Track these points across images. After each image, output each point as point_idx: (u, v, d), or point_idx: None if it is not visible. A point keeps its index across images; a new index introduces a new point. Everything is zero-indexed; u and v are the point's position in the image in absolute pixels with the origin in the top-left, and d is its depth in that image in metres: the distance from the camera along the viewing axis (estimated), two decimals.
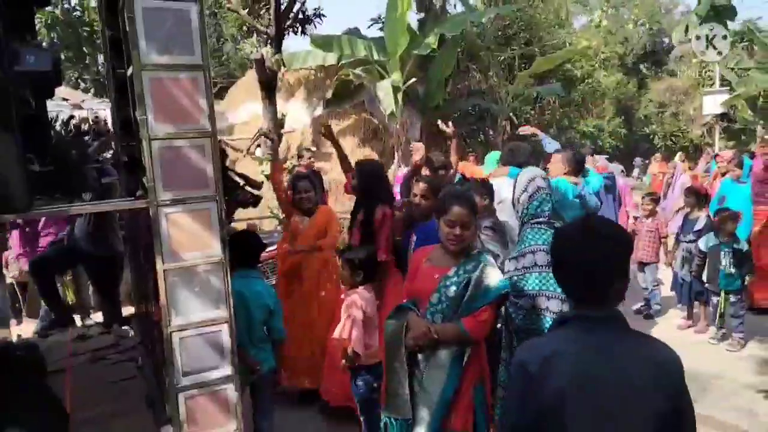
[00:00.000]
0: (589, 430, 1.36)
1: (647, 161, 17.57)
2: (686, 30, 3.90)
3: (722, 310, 5.05)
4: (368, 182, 3.86)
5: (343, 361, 2.97)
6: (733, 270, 4.88)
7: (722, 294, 4.99)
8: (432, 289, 2.45)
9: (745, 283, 5.00)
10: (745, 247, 5.02)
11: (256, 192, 4.88)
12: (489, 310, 2.37)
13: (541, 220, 3.17)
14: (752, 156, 7.28)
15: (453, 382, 2.34)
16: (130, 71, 2.40)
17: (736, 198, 5.93)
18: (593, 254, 1.42)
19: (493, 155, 5.29)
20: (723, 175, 6.77)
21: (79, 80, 14.21)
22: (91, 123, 6.88)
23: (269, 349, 3.07)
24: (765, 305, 5.77)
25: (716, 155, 8.17)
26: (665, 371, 1.39)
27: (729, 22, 14.87)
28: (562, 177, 4.26)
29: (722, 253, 4.91)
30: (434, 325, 2.38)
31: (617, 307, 1.48)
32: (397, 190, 5.48)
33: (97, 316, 5.16)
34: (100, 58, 11.92)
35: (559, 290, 2.71)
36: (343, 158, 4.33)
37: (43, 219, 5.35)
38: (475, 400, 2.37)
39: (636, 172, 24.22)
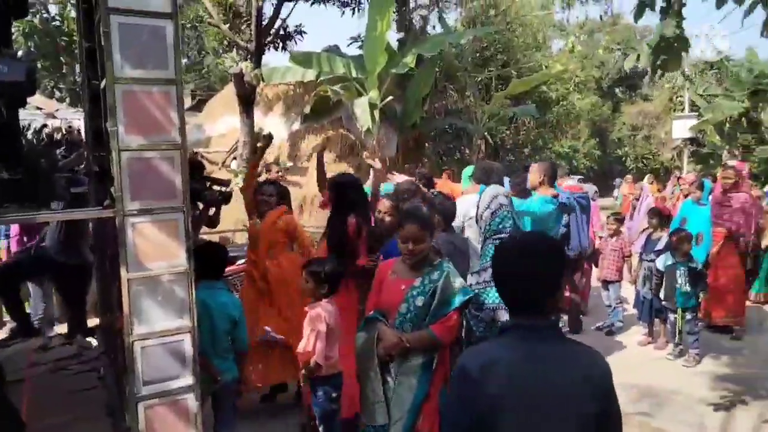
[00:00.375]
0: None
1: None
2: (638, 58, 4.07)
3: (679, 327, 5.23)
4: (342, 193, 3.89)
5: (303, 371, 3.03)
6: (688, 288, 5.07)
7: (679, 311, 5.17)
8: (399, 300, 2.56)
9: (699, 300, 5.20)
10: (699, 266, 5.22)
11: (223, 189, 4.93)
12: (455, 315, 2.53)
13: (503, 235, 3.31)
14: (715, 179, 7.56)
15: (423, 388, 2.47)
16: (103, 83, 2.47)
17: (697, 219, 6.15)
18: (527, 268, 1.53)
19: (469, 170, 5.42)
20: (686, 196, 7.03)
21: (54, 89, 14.09)
22: (64, 132, 6.86)
23: (232, 359, 3.11)
24: (721, 323, 5.97)
25: (679, 178, 8.48)
26: (595, 377, 1.48)
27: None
28: (539, 190, 4.50)
29: (678, 272, 5.10)
30: (404, 334, 2.50)
31: (552, 316, 1.58)
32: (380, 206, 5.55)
33: (61, 327, 5.12)
34: (77, 68, 11.85)
35: None
36: (322, 179, 4.49)
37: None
38: (441, 403, 2.47)
39: (616, 192, 24.79)
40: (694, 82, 19.64)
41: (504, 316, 3.16)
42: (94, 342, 3.92)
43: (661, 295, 5.32)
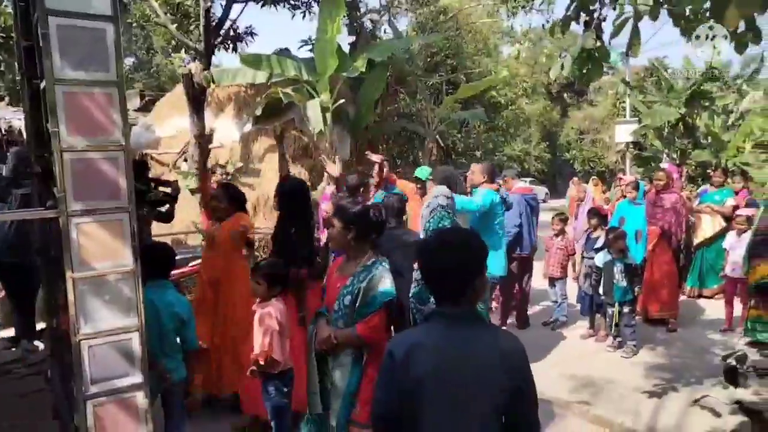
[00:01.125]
0: (443, 411, 1.58)
1: None
2: (562, 67, 4.30)
3: (617, 321, 5.51)
4: (287, 201, 3.98)
5: (253, 367, 3.08)
6: (625, 283, 5.36)
7: (616, 305, 5.45)
8: (335, 298, 2.67)
9: (636, 295, 5.50)
10: (634, 262, 5.52)
11: (167, 190, 4.93)
12: (378, 316, 2.56)
13: None
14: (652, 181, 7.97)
15: (355, 379, 2.56)
16: (43, 84, 2.45)
17: (634, 218, 6.48)
18: (446, 261, 1.66)
19: (424, 170, 5.61)
20: (624, 197, 7.39)
21: None
22: (3, 132, 6.63)
23: (181, 359, 3.12)
24: (657, 316, 6.32)
25: (619, 179, 8.92)
26: (508, 357, 1.62)
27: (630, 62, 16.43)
28: (482, 187, 4.93)
29: (615, 268, 5.39)
30: (335, 330, 2.60)
31: (475, 304, 1.71)
32: (323, 206, 5.68)
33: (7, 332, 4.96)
34: (17, 66, 11.37)
35: None
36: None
37: None
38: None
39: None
40: (633, 88, 20.50)
41: None
42: (40, 345, 3.83)
43: (600, 290, 5.60)
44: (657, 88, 21.45)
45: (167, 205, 5.04)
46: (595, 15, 3.18)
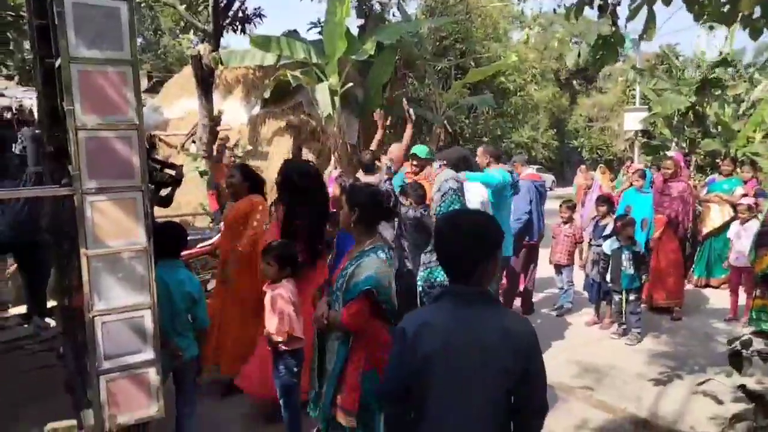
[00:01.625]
0: (450, 390, 1.62)
1: None
2: (579, 55, 4.29)
3: (623, 308, 5.53)
4: (296, 183, 3.92)
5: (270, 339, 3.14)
6: (632, 271, 5.37)
7: (623, 293, 5.47)
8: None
9: (642, 283, 5.52)
10: (641, 249, 5.52)
11: (173, 173, 4.96)
12: (356, 304, 2.48)
13: None
14: (659, 169, 7.95)
15: (339, 362, 2.55)
16: (58, 62, 2.46)
17: (641, 206, 6.47)
18: (457, 245, 1.70)
19: (422, 149, 5.60)
20: (631, 185, 7.37)
21: (1, 67, 13.47)
22: (14, 112, 6.65)
23: (192, 337, 3.17)
24: (662, 305, 6.34)
25: (627, 167, 8.89)
26: (515, 339, 1.64)
27: (642, 50, 16.30)
28: (491, 168, 4.95)
29: (623, 255, 5.40)
30: (329, 311, 2.60)
31: (487, 285, 1.73)
32: (329, 190, 5.70)
33: (18, 309, 5.03)
34: (26, 45, 11.35)
35: None
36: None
37: None
38: (363, 385, 2.49)
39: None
40: (644, 75, 20.33)
41: None
42: (51, 322, 3.88)
43: (608, 277, 5.61)
44: (668, 76, 21.28)
45: (169, 188, 5.06)
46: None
